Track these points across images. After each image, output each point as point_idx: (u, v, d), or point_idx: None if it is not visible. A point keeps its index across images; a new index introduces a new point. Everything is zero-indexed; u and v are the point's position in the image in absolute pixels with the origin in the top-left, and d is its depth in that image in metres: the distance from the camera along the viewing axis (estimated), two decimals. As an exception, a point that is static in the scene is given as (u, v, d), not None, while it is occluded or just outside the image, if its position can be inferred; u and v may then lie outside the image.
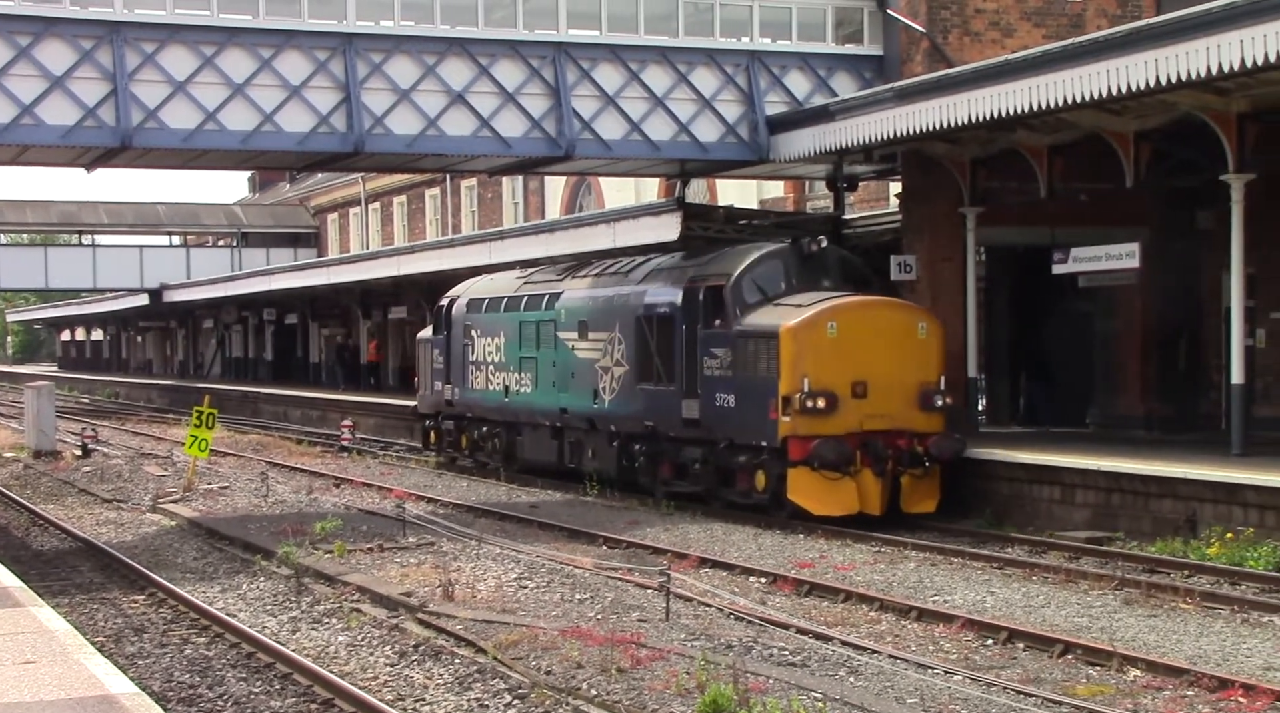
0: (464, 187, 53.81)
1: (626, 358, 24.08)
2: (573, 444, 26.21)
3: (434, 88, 23.87)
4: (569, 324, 25.92)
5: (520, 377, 27.55)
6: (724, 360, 21.54)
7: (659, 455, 23.50)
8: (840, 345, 20.56)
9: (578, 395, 25.57)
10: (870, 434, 20.48)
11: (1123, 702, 11.14)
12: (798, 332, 20.58)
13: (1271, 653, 12.63)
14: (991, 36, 26.20)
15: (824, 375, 20.39)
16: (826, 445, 20.09)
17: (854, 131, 23.07)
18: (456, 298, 30.86)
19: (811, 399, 20.25)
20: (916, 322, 21.35)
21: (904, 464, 20.57)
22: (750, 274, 21.89)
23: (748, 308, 21.53)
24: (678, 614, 14.39)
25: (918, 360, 20.99)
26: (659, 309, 23.31)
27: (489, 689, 11.83)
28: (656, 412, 23.22)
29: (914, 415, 20.80)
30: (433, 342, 31.51)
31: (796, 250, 22.19)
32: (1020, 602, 15.09)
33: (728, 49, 25.45)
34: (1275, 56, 16.06)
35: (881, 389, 20.64)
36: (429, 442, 32.38)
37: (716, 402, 21.65)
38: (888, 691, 11.46)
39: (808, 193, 35.72)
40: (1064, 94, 18.99)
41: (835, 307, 20.94)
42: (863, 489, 20.34)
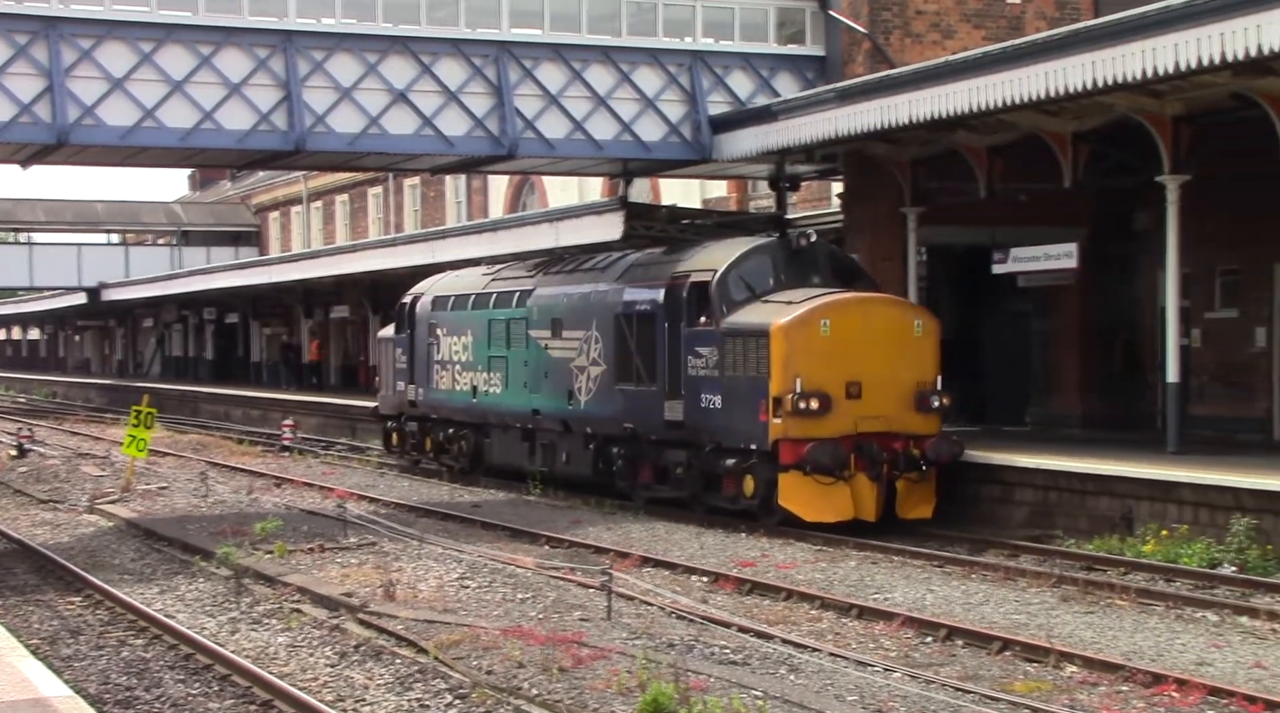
0: (407, 185, 53.59)
1: (604, 357, 23.21)
2: (545, 447, 25.27)
3: (376, 86, 23.76)
4: (542, 322, 25.03)
5: (489, 377, 26.67)
6: (710, 360, 20.67)
7: (639, 459, 22.65)
8: (834, 344, 19.73)
9: (551, 396, 24.68)
10: (865, 437, 19.66)
11: (1059, 698, 11.24)
12: (789, 330, 19.68)
13: (1204, 649, 12.79)
14: (932, 38, 26.37)
15: (817, 376, 19.53)
16: (821, 449, 19.24)
17: (796, 132, 23.16)
18: (420, 295, 29.90)
19: (804, 400, 19.38)
20: (912, 319, 20.53)
21: (900, 468, 19.76)
22: (737, 270, 20.95)
23: (735, 305, 20.62)
24: (619, 613, 14.39)
25: (914, 359, 20.18)
26: (639, 306, 22.45)
27: (430, 689, 11.79)
28: (636, 413, 22.34)
29: (910, 417, 19.99)
30: (395, 340, 30.56)
31: (784, 245, 21.44)
32: (960, 599, 15.20)
33: (670, 49, 25.48)
34: (1208, 60, 16.26)
35: (876, 390, 19.81)
36: (390, 444, 31.40)
37: (702, 403, 20.78)
38: (828, 688, 11.51)
39: (750, 193, 35.83)
40: (1003, 95, 19.14)
41: (828, 304, 20.06)
42: (857, 495, 19.55)
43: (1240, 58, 16.00)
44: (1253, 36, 15.70)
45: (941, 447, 19.99)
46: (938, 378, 20.24)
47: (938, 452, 19.93)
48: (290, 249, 60.75)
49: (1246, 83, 17.78)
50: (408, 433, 30.33)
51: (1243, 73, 17.26)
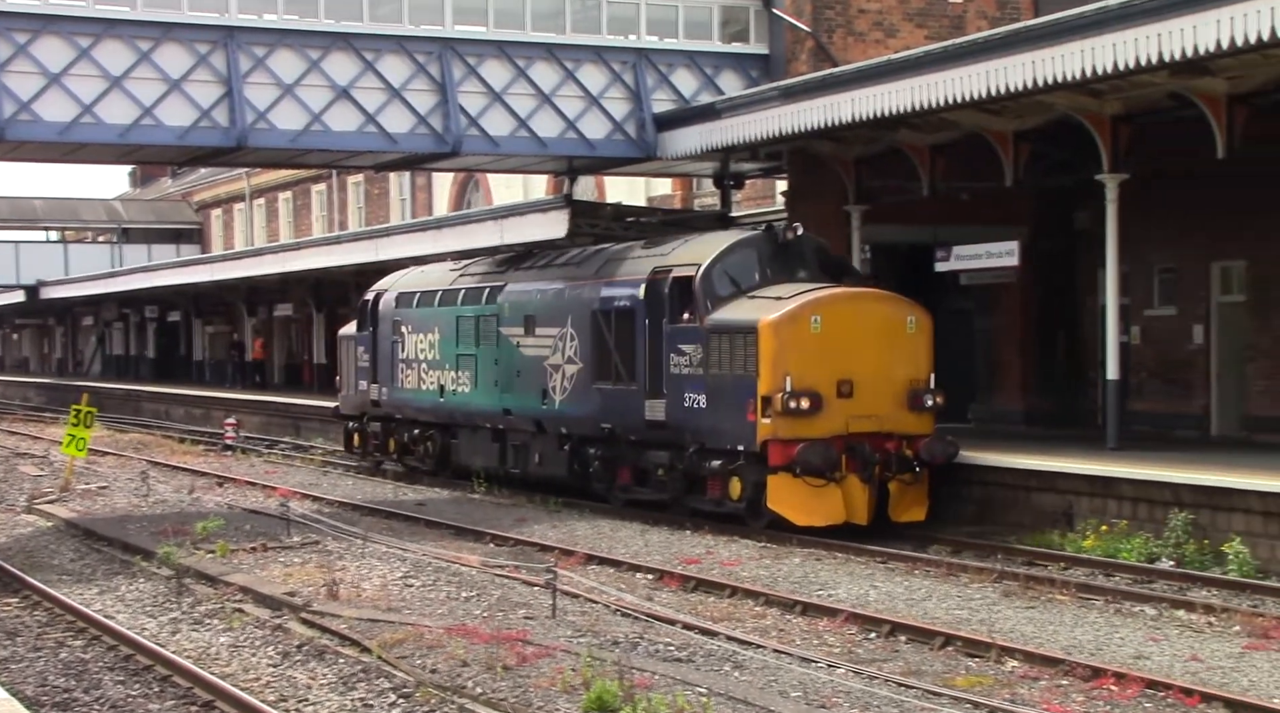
0: (350, 183, 53.33)
1: (580, 355, 22.45)
2: (517, 448, 24.48)
3: (318, 83, 23.62)
4: (513, 319, 24.28)
5: (458, 376, 25.88)
6: (694, 358, 19.93)
7: (617, 460, 21.94)
8: (824, 341, 18.99)
9: (524, 396, 23.93)
10: (856, 437, 18.95)
11: (1000, 693, 11.32)
12: (779, 326, 18.94)
13: (1142, 642, 12.93)
14: (875, 36, 26.53)
15: (807, 374, 18.79)
16: (812, 450, 18.49)
17: (740, 130, 23.22)
18: (384, 291, 29.09)
19: (795, 400, 18.66)
20: (905, 315, 19.72)
21: (892, 469, 19.09)
22: (721, 264, 20.16)
23: (720, 301, 19.88)
24: (564, 611, 14.38)
25: (906, 357, 19.51)
26: (618, 302, 21.63)
27: (373, 689, 11.73)
28: (615, 413, 21.60)
29: (903, 416, 19.31)
30: (357, 338, 29.71)
31: (770, 239, 20.58)
32: (903, 595, 15.28)
33: (615, 46, 25.48)
34: (1145, 60, 16.43)
35: (868, 388, 19.12)
36: (352, 445, 30.45)
37: (685, 402, 20.05)
38: (772, 685, 11.54)
39: (695, 190, 35.90)
40: (945, 94, 19.27)
41: (819, 299, 19.32)
42: (848, 497, 18.83)
43: (1177, 58, 16.18)
44: (1189, 37, 15.89)
45: (935, 447, 19.34)
46: (931, 376, 19.61)
47: (932, 453, 19.29)
48: (233, 247, 60.31)
49: (1183, 83, 17.99)
50: (370, 434, 29.52)
51: (1179, 73, 17.47)
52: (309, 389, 46.77)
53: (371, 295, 29.43)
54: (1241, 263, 22.81)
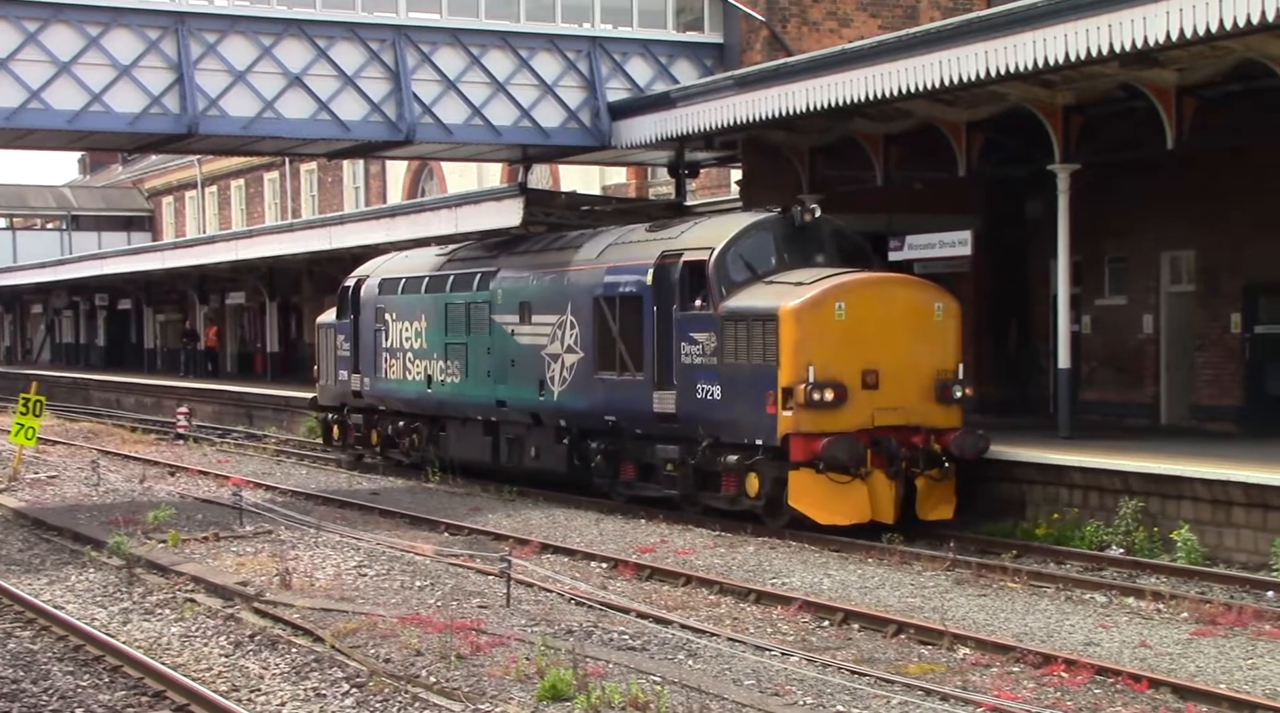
0: (304, 170, 53.04)
1: (581, 344, 21.45)
2: (511, 441, 23.45)
3: (271, 69, 23.44)
4: (508, 306, 23.26)
5: (447, 365, 24.81)
6: (707, 347, 18.98)
7: (621, 455, 20.96)
8: (849, 329, 18.05)
9: (519, 386, 22.91)
10: (882, 431, 18.01)
11: (952, 680, 11.39)
12: (801, 313, 17.96)
13: (1092, 629, 13.03)
14: (829, 26, 26.58)
15: (832, 364, 17.87)
16: (838, 444, 17.50)
17: (695, 119, 23.22)
18: (365, 278, 27.95)
19: (818, 391, 17.71)
20: (933, 301, 18.82)
21: (920, 465, 18.12)
22: (736, 247, 19.17)
23: (735, 286, 18.92)
24: (519, 600, 14.37)
25: (934, 345, 18.58)
26: (623, 288, 20.62)
27: (326, 678, 11.68)
28: (620, 405, 20.63)
29: (930, 409, 18.37)
30: (336, 327, 28.48)
31: (786, 221, 19.53)
32: (856, 583, 15.35)
33: (569, 34, 25.42)
34: (1096, 51, 16.54)
35: (895, 379, 18.19)
36: (330, 438, 29.24)
37: (698, 394, 19.08)
38: (726, 673, 11.57)
39: (650, 179, 35.91)
40: (899, 84, 19.32)
41: (843, 284, 18.33)
42: (874, 494, 17.92)
43: (1127, 49, 16.30)
44: (1139, 29, 16.00)
45: (965, 441, 18.30)
46: (959, 366, 18.75)
47: (961, 447, 18.26)
48: (185, 234, 59.84)
49: (1133, 74, 18.12)
50: (351, 426, 28.28)
51: (1130, 64, 17.60)
52: (262, 378, 46.57)
53: (352, 281, 28.39)
54: (1190, 253, 23.01)
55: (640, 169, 35.28)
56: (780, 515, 18.24)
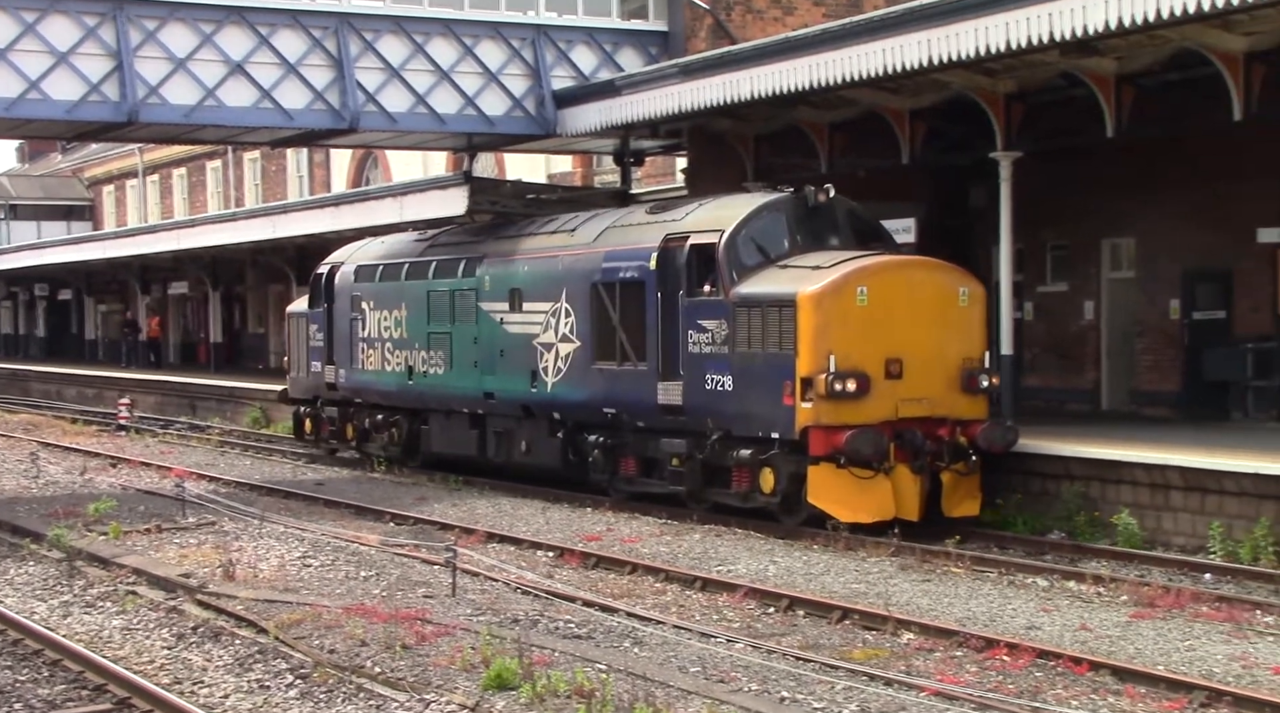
0: (247, 159, 52.63)
1: (578, 333, 20.51)
2: (500, 435, 22.50)
3: (212, 57, 23.19)
4: (496, 293, 22.31)
5: (429, 356, 23.84)
6: (717, 335, 18.07)
7: (620, 449, 20.08)
8: (871, 315, 17.17)
9: (509, 378, 21.96)
10: (907, 423, 17.18)
11: (896, 665, 11.47)
12: (821, 299, 17.05)
13: (1034, 613, 13.16)
14: (773, 14, 26.61)
15: (854, 352, 16.99)
16: (863, 437, 16.62)
17: (640, 107, 23.19)
18: (339, 265, 26.97)
19: (840, 381, 16.81)
20: (958, 286, 17.95)
21: (945, 459, 17.28)
22: (747, 229, 18.26)
23: (747, 271, 18.01)
24: (464, 590, 14.36)
25: (960, 332, 17.74)
26: (624, 273, 19.65)
27: (270, 670, 11.63)
28: (620, 397, 19.71)
29: (956, 400, 17.55)
30: (309, 316, 27.45)
31: (799, 202, 18.66)
32: (801, 570, 15.42)
33: (513, 22, 25.32)
34: (1037, 39, 16.65)
35: (919, 368, 17.33)
36: (303, 432, 28.23)
37: (707, 385, 18.18)
38: (671, 660, 11.61)
39: (595, 168, 35.85)
40: (842, 72, 19.36)
41: (865, 268, 17.42)
42: (898, 490, 17.05)
43: (1067, 37, 16.41)
44: (1079, 17, 16.10)
45: (994, 433, 17.46)
46: (985, 354, 17.96)
47: (989, 440, 17.41)
48: (126, 224, 59.28)
49: (1074, 62, 18.25)
50: (325, 419, 27.29)
51: (1070, 52, 17.72)
52: (205, 368, 46.24)
53: (326, 268, 27.37)
54: (1130, 240, 23.22)
55: (586, 157, 35.22)
56: (797, 513, 17.43)
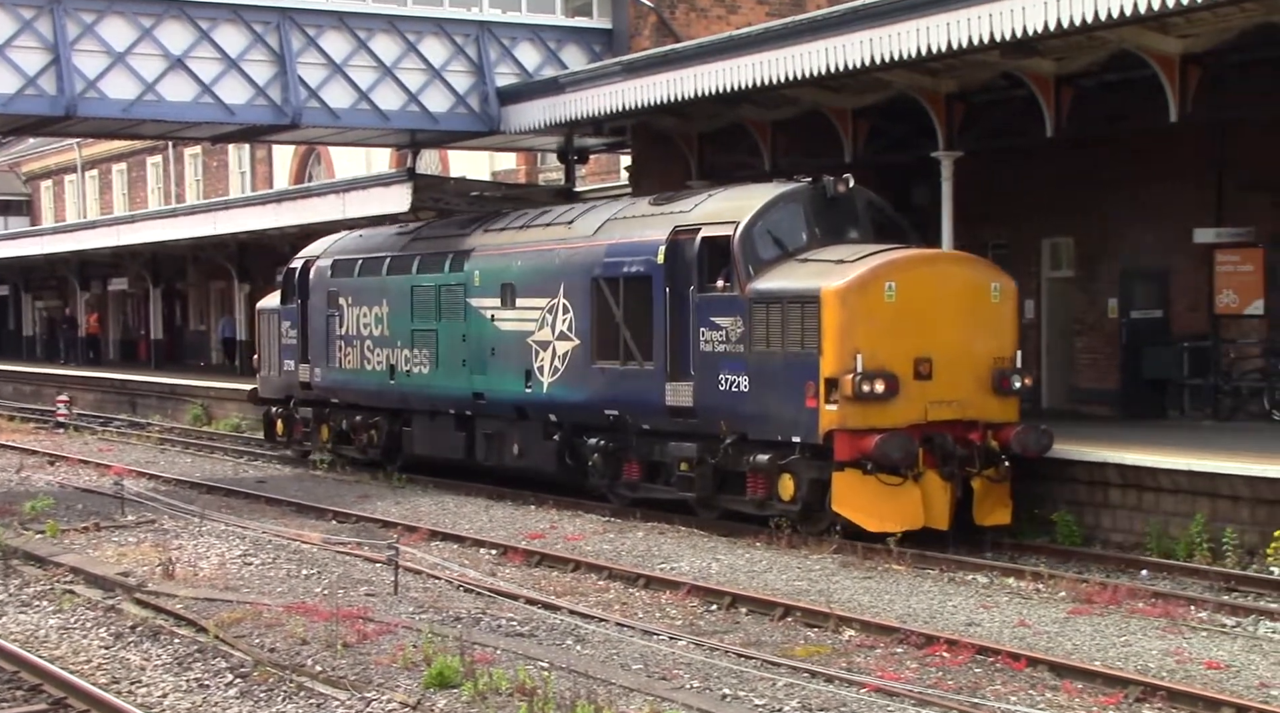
0: (188, 155, 52.18)
1: (576, 330, 19.54)
2: (490, 437, 21.51)
3: (151, 51, 22.96)
4: (487, 288, 21.32)
5: (413, 354, 22.84)
6: (732, 332, 17.14)
7: (623, 453, 19.09)
8: (900, 312, 16.30)
9: (501, 377, 20.96)
10: (936, 426, 16.33)
11: (838, 661, 11.53)
12: (847, 294, 16.13)
13: (974, 610, 13.26)
14: (717, 13, 26.65)
15: (881, 351, 16.11)
16: (893, 442, 15.73)
17: (583, 104, 23.17)
18: (315, 258, 25.89)
19: (868, 382, 15.92)
20: (989, 281, 17.14)
21: (976, 464, 16.39)
22: (764, 221, 17.35)
23: (764, 265, 17.09)
24: (407, 588, 14.31)
25: (991, 330, 16.91)
26: (628, 267, 18.69)
27: (210, 669, 11.54)
28: (624, 398, 18.76)
29: (987, 401, 16.68)
30: (281, 312, 26.30)
31: (818, 192, 17.73)
32: (744, 567, 15.46)
33: (457, 19, 25.23)
34: (978, 39, 16.77)
35: (949, 368, 16.47)
36: (274, 434, 27.05)
37: (720, 385, 17.26)
38: (613, 658, 11.61)
39: (540, 165, 35.81)
40: (786, 71, 19.42)
41: (893, 262, 16.56)
42: (927, 497, 16.19)
43: (1007, 38, 16.53)
44: (1019, 18, 16.24)
45: (1028, 438, 16.56)
46: (1018, 353, 17.13)
47: (1024, 444, 16.52)
48: (64, 219, 58.59)
49: (1014, 62, 18.39)
50: (299, 420, 26.12)
51: (1010, 53, 17.85)
52: (146, 365, 45.85)
53: (299, 263, 26.27)
54: (1070, 239, 23.42)
55: (530, 155, 35.15)
56: (818, 521, 16.57)
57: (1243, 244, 20.67)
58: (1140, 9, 15.06)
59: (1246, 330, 20.96)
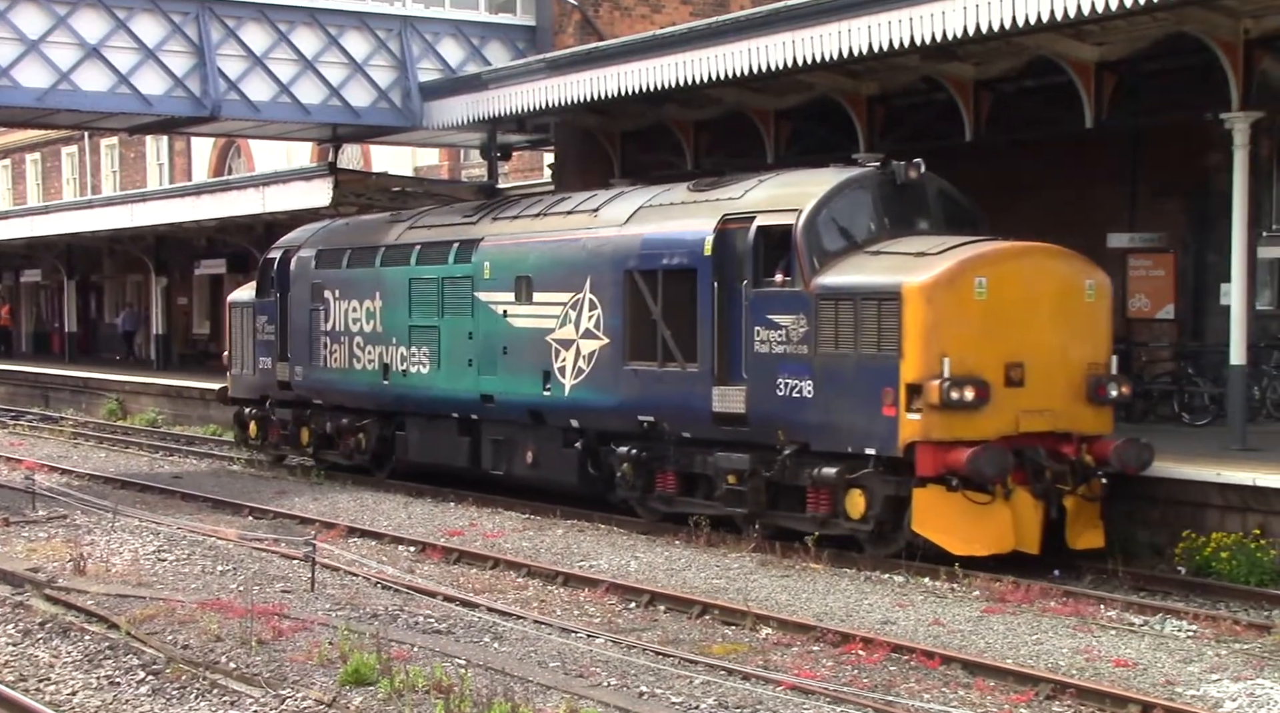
0: (104, 145, 51.46)
1: (605, 328, 17.83)
2: (499, 444, 19.72)
3: (66, 40, 22.62)
4: (498, 282, 19.50)
5: (410, 352, 21.07)
6: (793, 332, 15.50)
7: (658, 463, 17.44)
8: (991, 311, 14.70)
9: (514, 379, 19.19)
10: (1028, 438, 14.74)
11: (754, 659, 11.56)
12: (934, 291, 14.52)
13: (890, 609, 13.35)
14: (640, 12, 26.69)
15: (971, 354, 14.50)
16: (989, 456, 14.15)
17: (507, 101, 23.11)
18: (295, 248, 24.00)
19: (957, 389, 14.29)
20: (1084, 278, 15.50)
21: (1071, 481, 14.79)
22: (829, 209, 15.73)
23: (830, 257, 15.48)
24: (324, 585, 14.20)
25: (1086, 332, 15.31)
26: (668, 259, 17.04)
27: (121, 666, 11.38)
28: (661, 403, 17.11)
29: (1081, 411, 15.09)
30: (257, 306, 24.48)
31: (886, 178, 16.11)
32: (663, 565, 15.48)
33: (379, 13, 25.08)
34: (898, 42, 16.92)
35: (1041, 374, 14.84)
36: (247, 437, 25.13)
37: (778, 390, 15.60)
38: (531, 655, 11.59)
39: (463, 161, 35.68)
40: (708, 71, 19.49)
41: (982, 256, 14.92)
42: (1018, 518, 14.60)
43: (927, 42, 16.70)
44: (938, 22, 16.40)
45: (1129, 453, 14.92)
46: (1112, 358, 15.56)
47: (1124, 459, 14.89)
48: (-24, 209, 57.60)
49: (934, 66, 18.59)
50: (275, 422, 24.28)
51: (930, 57, 18.05)
52: (60, 358, 45.18)
53: (277, 253, 24.37)
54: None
55: (453, 151, 35.02)
56: (891, 543, 15.06)
57: (1155, 249, 21.02)
58: (1057, 16, 15.27)
59: (1158, 334, 21.30)
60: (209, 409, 31.64)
